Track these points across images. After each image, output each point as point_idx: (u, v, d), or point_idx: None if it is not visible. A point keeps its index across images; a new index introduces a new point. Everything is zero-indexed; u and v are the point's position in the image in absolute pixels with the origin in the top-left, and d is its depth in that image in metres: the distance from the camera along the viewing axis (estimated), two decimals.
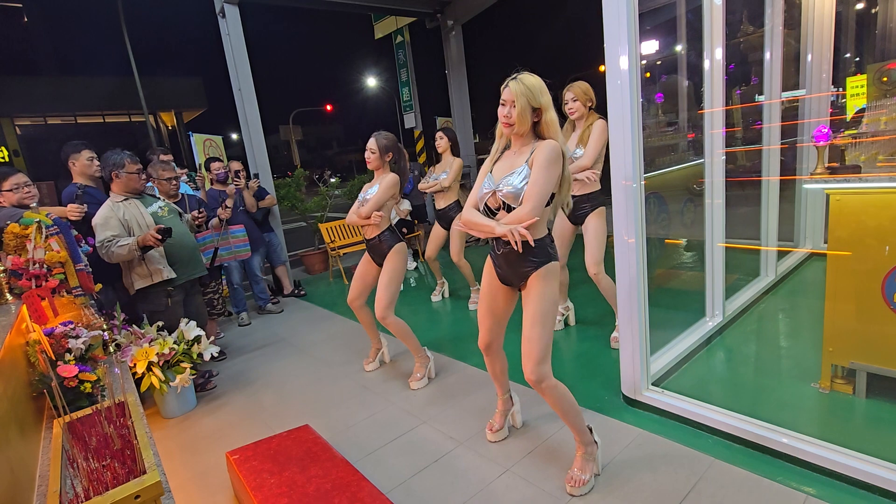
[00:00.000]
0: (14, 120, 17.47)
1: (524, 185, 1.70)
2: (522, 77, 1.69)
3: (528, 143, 1.78)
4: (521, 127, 1.71)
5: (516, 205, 1.71)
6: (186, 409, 2.94)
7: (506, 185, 1.73)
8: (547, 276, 1.78)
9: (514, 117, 1.69)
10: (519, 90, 1.67)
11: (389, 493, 1.94)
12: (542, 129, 1.74)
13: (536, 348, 1.75)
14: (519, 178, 1.71)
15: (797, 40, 3.68)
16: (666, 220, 3.80)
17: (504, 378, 2.22)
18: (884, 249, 1.92)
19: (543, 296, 1.77)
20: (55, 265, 2.24)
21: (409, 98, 8.06)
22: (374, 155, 2.81)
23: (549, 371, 1.79)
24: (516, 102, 1.67)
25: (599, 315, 3.50)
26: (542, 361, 1.77)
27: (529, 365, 1.77)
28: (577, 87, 2.84)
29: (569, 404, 1.84)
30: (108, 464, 1.09)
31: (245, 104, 5.39)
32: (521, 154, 1.78)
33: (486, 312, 2.01)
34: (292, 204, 6.14)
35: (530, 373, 1.77)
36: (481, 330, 2.05)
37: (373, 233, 2.85)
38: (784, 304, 3.35)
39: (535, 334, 1.76)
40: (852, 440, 1.80)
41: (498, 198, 1.76)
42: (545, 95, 1.70)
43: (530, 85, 1.68)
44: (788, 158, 3.80)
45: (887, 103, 2.32)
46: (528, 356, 1.77)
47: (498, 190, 1.76)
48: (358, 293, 3.00)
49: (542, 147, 1.69)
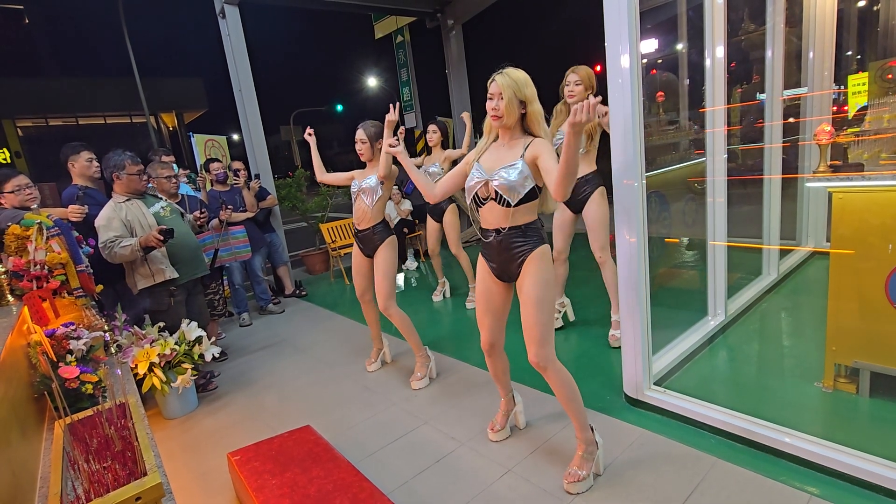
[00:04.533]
0: (16, 121, 17.50)
1: (520, 182, 1.73)
2: (508, 71, 1.75)
3: (517, 137, 1.81)
4: (509, 118, 1.75)
5: (509, 196, 1.75)
6: (188, 409, 2.95)
7: (499, 178, 1.76)
8: (540, 260, 1.79)
9: (501, 109, 1.74)
10: (505, 83, 1.72)
11: (391, 494, 1.94)
12: (529, 121, 1.78)
13: (537, 332, 1.78)
14: (514, 172, 1.74)
15: (799, 38, 3.67)
16: (667, 219, 3.79)
17: (506, 379, 2.22)
18: (887, 248, 1.91)
19: (538, 281, 1.79)
20: (56, 266, 2.25)
21: (409, 98, 8.05)
22: (365, 145, 2.79)
23: (552, 354, 1.82)
24: (503, 95, 1.72)
25: (600, 315, 3.49)
26: (544, 344, 1.79)
27: (532, 348, 1.80)
28: (582, 71, 2.80)
29: (571, 392, 1.86)
30: (109, 465, 1.08)
31: (246, 105, 5.39)
32: (511, 148, 1.81)
33: (484, 312, 2.01)
34: (293, 204, 6.14)
35: (533, 356, 1.80)
36: (482, 331, 2.05)
37: (367, 224, 2.85)
38: (787, 303, 3.34)
39: (534, 319, 1.78)
40: (856, 440, 1.79)
41: (491, 188, 1.79)
42: (530, 88, 1.75)
43: (516, 78, 1.73)
44: (790, 157, 3.79)
45: (890, 101, 2.31)
46: (530, 340, 1.80)
47: (491, 180, 1.79)
48: (363, 287, 3.02)
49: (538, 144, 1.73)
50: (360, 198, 2.84)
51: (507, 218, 1.79)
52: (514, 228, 1.79)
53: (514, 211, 1.78)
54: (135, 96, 13.31)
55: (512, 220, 1.79)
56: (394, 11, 7.34)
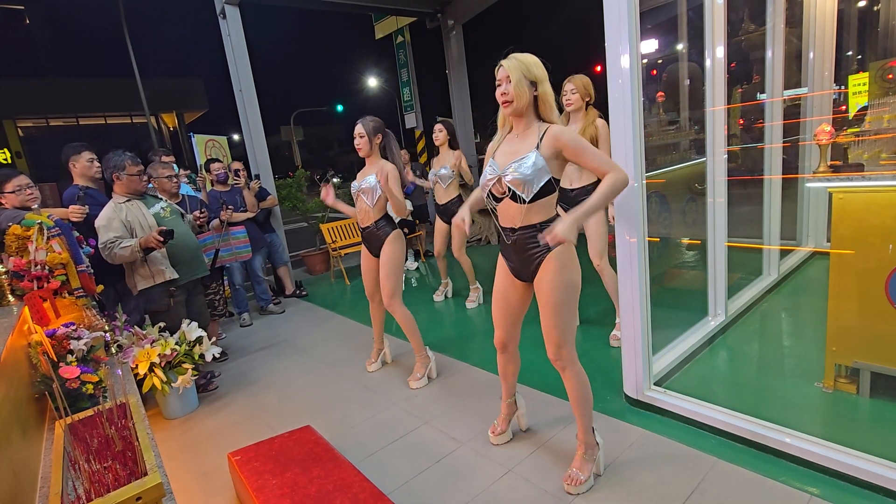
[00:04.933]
0: (16, 121, 17.49)
1: (533, 175, 1.63)
2: (514, 55, 1.67)
3: (531, 126, 1.71)
4: (521, 101, 1.64)
5: (523, 192, 1.66)
6: (188, 409, 2.95)
7: (512, 172, 1.66)
8: (559, 261, 1.70)
9: (511, 92, 1.64)
10: (512, 65, 1.64)
11: (391, 494, 1.94)
12: (541, 104, 1.69)
13: (556, 335, 1.76)
14: (527, 164, 1.63)
15: (799, 38, 3.67)
16: (668, 220, 3.79)
17: (513, 380, 2.19)
18: (887, 248, 1.91)
19: (557, 283, 1.71)
20: (57, 266, 2.24)
21: (409, 98, 8.06)
22: (363, 139, 2.78)
23: (572, 355, 1.80)
24: (511, 77, 1.63)
25: (600, 315, 3.49)
26: (564, 344, 1.77)
27: (552, 348, 1.78)
28: (577, 80, 2.83)
29: (585, 396, 1.85)
30: (109, 465, 1.08)
31: (246, 105, 5.39)
32: (524, 138, 1.71)
33: (500, 310, 1.97)
34: (294, 204, 6.15)
35: (553, 356, 1.79)
36: (497, 329, 2.01)
37: (369, 221, 2.85)
38: (787, 304, 3.34)
39: (552, 322, 1.75)
40: (856, 440, 1.79)
41: (504, 183, 1.70)
42: (539, 69, 1.66)
43: (523, 59, 1.65)
44: (791, 157, 3.79)
45: (890, 101, 2.31)
46: (550, 340, 1.78)
47: (504, 175, 1.70)
48: (373, 288, 3.03)
49: (558, 134, 1.63)
50: (361, 198, 2.85)
51: (523, 215, 1.70)
52: (528, 227, 1.70)
53: (529, 208, 1.68)
54: (135, 96, 13.30)
55: (526, 217, 1.70)
56: (394, 12, 7.34)
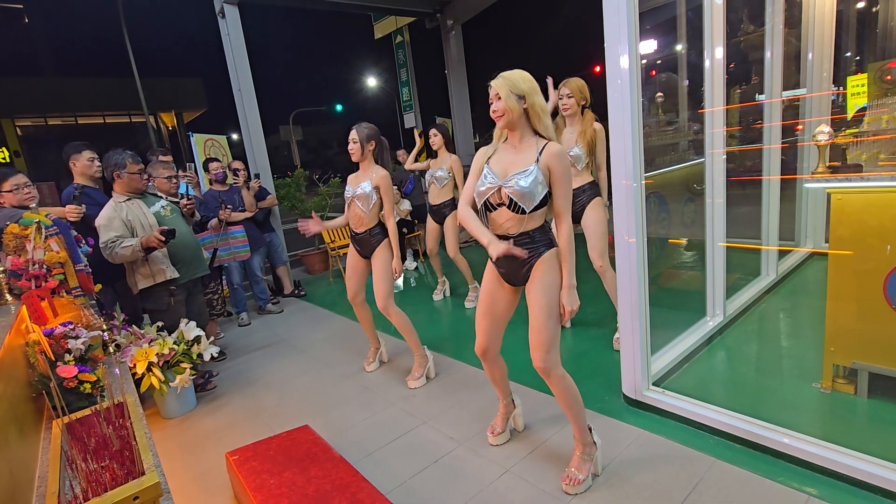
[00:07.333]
0: (15, 120, 17.47)
1: (534, 188, 1.71)
2: (501, 74, 1.75)
3: (527, 138, 1.79)
4: (511, 115, 1.73)
5: (524, 203, 1.72)
6: (186, 409, 2.94)
7: (513, 185, 1.73)
8: (549, 264, 1.78)
9: (501, 107, 1.74)
10: (500, 83, 1.73)
11: (389, 494, 1.94)
12: (531, 116, 1.76)
13: (543, 338, 1.77)
14: (529, 179, 1.71)
15: (798, 39, 3.67)
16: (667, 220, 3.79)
17: (504, 383, 2.20)
18: (885, 249, 1.91)
19: (547, 285, 1.77)
20: (55, 266, 2.24)
21: (409, 98, 8.06)
22: (356, 145, 2.80)
23: (557, 360, 1.81)
24: (500, 94, 1.72)
25: (600, 315, 3.49)
26: (550, 350, 1.79)
27: (538, 354, 1.79)
28: (573, 84, 2.83)
29: (574, 398, 1.86)
30: (106, 465, 1.08)
31: (245, 104, 5.39)
32: (523, 151, 1.78)
33: (484, 314, 1.99)
34: (293, 204, 6.15)
35: (539, 361, 1.79)
36: (478, 334, 2.02)
37: (364, 227, 2.86)
38: (785, 304, 3.34)
39: (542, 324, 1.77)
40: (854, 440, 1.80)
41: (504, 194, 1.75)
42: (526, 83, 1.74)
43: (509, 76, 1.74)
44: (789, 157, 3.79)
45: (888, 102, 2.31)
46: (536, 346, 1.79)
47: (504, 186, 1.75)
48: (356, 289, 3.02)
49: (555, 155, 1.72)
50: (355, 203, 2.84)
51: (520, 224, 1.77)
52: (523, 234, 1.78)
53: (528, 217, 1.76)
54: (134, 96, 13.29)
55: (523, 226, 1.78)
56: (393, 12, 7.34)
